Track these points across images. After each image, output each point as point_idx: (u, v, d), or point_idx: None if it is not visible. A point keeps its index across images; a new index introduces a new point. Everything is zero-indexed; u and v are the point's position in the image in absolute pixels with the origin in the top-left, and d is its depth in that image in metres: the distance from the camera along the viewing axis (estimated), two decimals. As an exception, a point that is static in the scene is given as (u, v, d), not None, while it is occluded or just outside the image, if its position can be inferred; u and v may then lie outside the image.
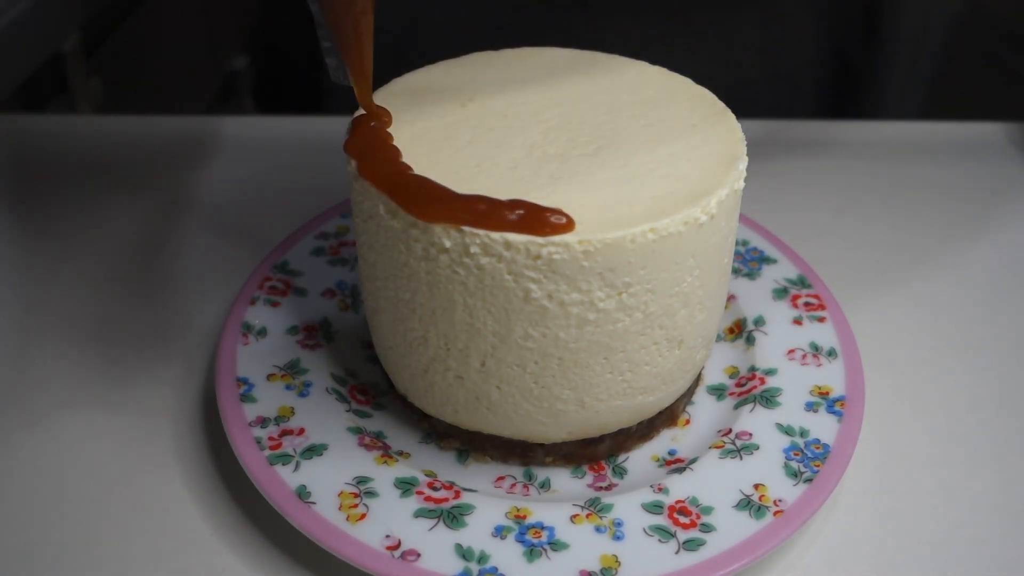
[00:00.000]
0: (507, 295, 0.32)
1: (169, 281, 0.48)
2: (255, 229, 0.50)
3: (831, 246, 0.51)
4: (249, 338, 0.41)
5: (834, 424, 0.38)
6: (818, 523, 0.37)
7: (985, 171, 0.57)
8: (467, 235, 0.31)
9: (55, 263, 0.49)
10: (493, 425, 0.36)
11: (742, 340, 0.43)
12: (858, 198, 0.55)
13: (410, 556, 0.32)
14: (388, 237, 0.34)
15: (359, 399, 0.40)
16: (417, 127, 0.36)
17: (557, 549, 0.33)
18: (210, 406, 0.41)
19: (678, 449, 0.38)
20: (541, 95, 0.38)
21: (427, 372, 0.36)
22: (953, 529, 0.37)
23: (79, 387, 0.42)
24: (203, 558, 0.35)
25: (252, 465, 0.35)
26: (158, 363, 0.43)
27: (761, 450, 0.37)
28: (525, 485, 0.37)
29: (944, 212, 0.54)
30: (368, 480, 0.35)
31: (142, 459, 0.39)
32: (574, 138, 0.36)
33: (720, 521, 0.34)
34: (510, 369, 0.34)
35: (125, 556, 0.35)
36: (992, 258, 0.51)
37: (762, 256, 0.46)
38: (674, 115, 0.37)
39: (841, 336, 0.42)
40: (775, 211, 0.50)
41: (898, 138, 0.60)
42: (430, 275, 0.33)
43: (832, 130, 0.61)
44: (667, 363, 0.36)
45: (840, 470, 0.36)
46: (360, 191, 0.34)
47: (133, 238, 0.51)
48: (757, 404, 0.39)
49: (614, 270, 0.32)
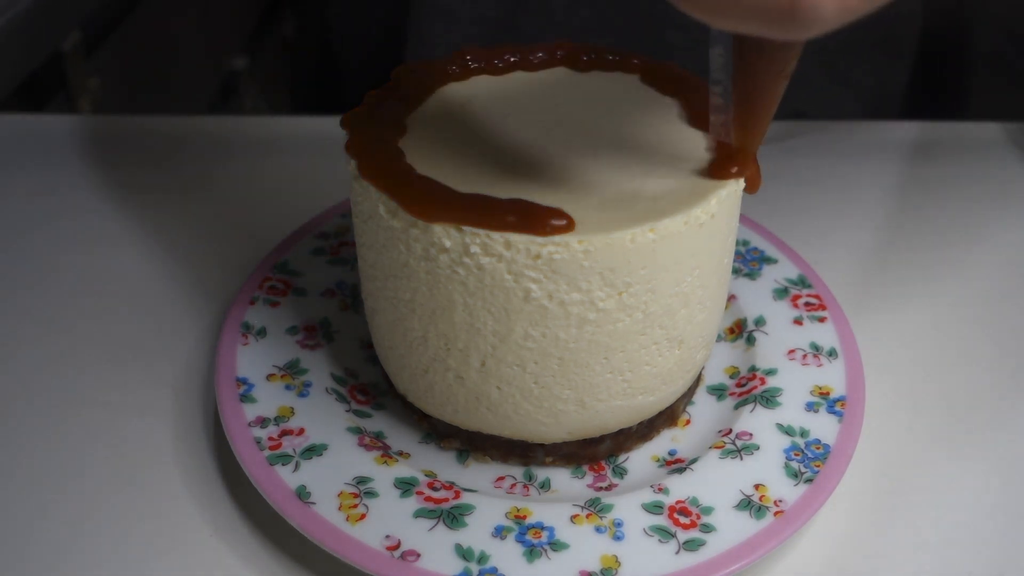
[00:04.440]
0: (507, 295, 0.32)
1: (169, 281, 0.48)
2: (255, 229, 0.50)
3: (831, 246, 0.51)
4: (249, 338, 0.41)
5: (834, 424, 0.38)
6: (818, 523, 0.37)
7: (985, 171, 0.57)
8: (467, 235, 0.31)
9: (54, 262, 0.49)
10: (493, 425, 0.36)
11: (742, 340, 0.43)
12: (858, 198, 0.55)
13: (410, 556, 0.32)
14: (388, 237, 0.34)
15: (359, 399, 0.40)
16: (417, 127, 0.36)
17: (557, 549, 0.33)
18: (210, 406, 0.41)
19: (678, 449, 0.38)
20: (541, 94, 0.38)
21: (427, 372, 0.36)
22: (953, 529, 0.37)
23: (79, 387, 0.42)
24: (203, 558, 0.35)
25: (252, 465, 0.35)
26: (158, 363, 0.43)
27: (761, 450, 0.37)
28: (525, 485, 0.37)
29: (944, 212, 0.54)
30: (368, 480, 0.35)
31: (142, 459, 0.39)
32: (574, 137, 0.36)
33: (720, 521, 0.34)
34: (510, 369, 0.34)
35: (125, 556, 0.35)
36: (992, 258, 0.51)
37: (762, 256, 0.46)
38: (675, 115, 0.37)
39: (841, 336, 0.42)
40: (775, 211, 0.50)
41: (898, 138, 0.60)
42: (430, 275, 0.33)
43: (834, 130, 0.61)
44: (667, 363, 0.36)
45: (840, 470, 0.36)
46: (360, 191, 0.34)
47: (133, 238, 0.51)
48: (757, 404, 0.39)
49: (614, 270, 0.32)
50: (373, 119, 0.36)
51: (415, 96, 0.38)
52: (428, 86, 0.39)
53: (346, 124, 0.36)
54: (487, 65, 0.40)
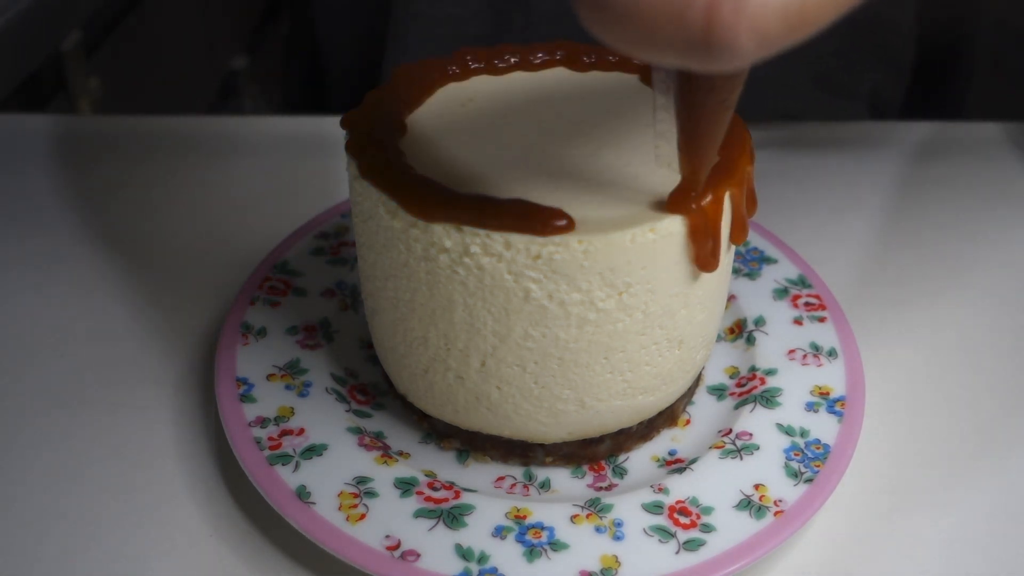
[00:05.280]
0: (507, 295, 0.32)
1: (169, 281, 0.48)
2: (255, 229, 0.50)
3: (831, 246, 0.51)
4: (249, 338, 0.41)
5: (834, 424, 0.38)
6: (818, 523, 0.37)
7: (985, 171, 0.57)
8: (467, 235, 0.31)
9: (54, 262, 0.49)
10: (493, 425, 0.36)
11: (742, 340, 0.43)
12: (858, 198, 0.55)
13: (410, 556, 0.32)
14: (388, 237, 0.34)
15: (359, 399, 0.40)
16: (417, 127, 0.36)
17: (557, 549, 0.33)
18: (210, 406, 0.41)
19: (678, 449, 0.38)
20: (541, 94, 0.38)
21: (427, 372, 0.36)
22: (953, 529, 0.37)
23: (79, 387, 0.42)
24: (203, 558, 0.35)
25: (252, 465, 0.35)
26: (158, 363, 0.43)
27: (761, 450, 0.37)
28: (525, 485, 0.37)
29: (944, 212, 0.54)
30: (368, 480, 0.35)
31: (142, 459, 0.39)
32: (574, 137, 0.36)
33: (720, 521, 0.34)
34: (510, 369, 0.34)
35: (125, 556, 0.35)
36: (992, 258, 0.51)
37: (762, 256, 0.46)
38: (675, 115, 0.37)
39: (841, 336, 0.42)
40: (775, 211, 0.50)
41: (898, 138, 0.60)
42: (430, 275, 0.33)
43: (833, 130, 0.61)
44: (667, 363, 0.36)
45: (840, 470, 0.36)
46: (360, 191, 0.34)
47: (133, 238, 0.51)
48: (757, 404, 0.39)
49: (614, 270, 0.32)
50: (373, 119, 0.36)
51: (415, 96, 0.38)
52: (428, 86, 0.39)
53: (346, 124, 0.36)
54: (487, 65, 0.40)
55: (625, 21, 0.19)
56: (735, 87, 0.27)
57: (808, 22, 0.20)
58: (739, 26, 0.19)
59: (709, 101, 0.27)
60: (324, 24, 0.75)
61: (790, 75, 0.63)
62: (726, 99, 0.27)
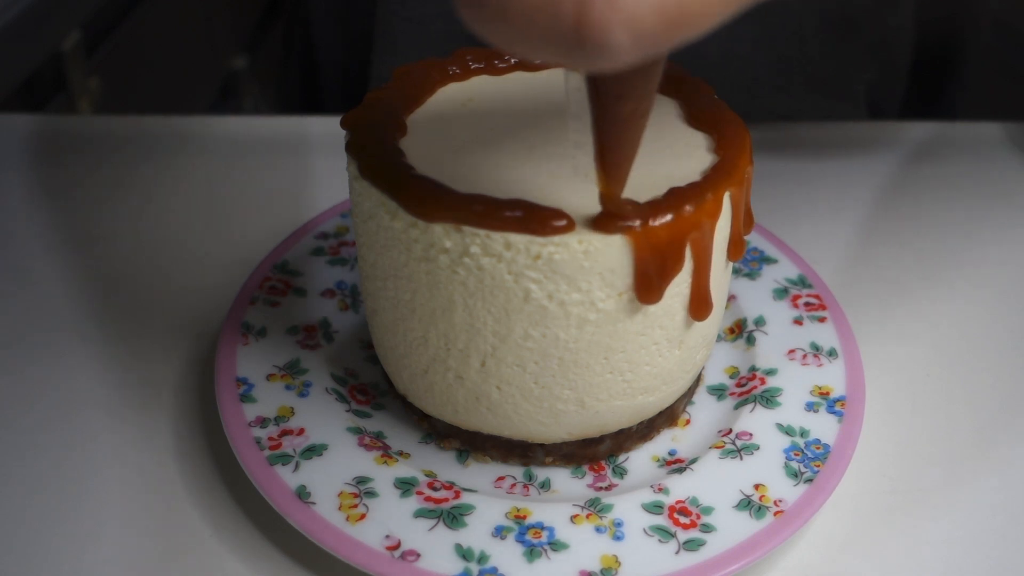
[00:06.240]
0: (507, 295, 0.32)
1: (169, 281, 0.48)
2: (255, 229, 0.50)
3: (831, 246, 0.51)
4: (249, 338, 0.41)
5: (834, 424, 0.38)
6: (818, 523, 0.37)
7: (985, 171, 0.57)
8: (467, 235, 0.31)
9: (54, 263, 0.49)
10: (493, 425, 0.36)
11: (742, 340, 0.43)
12: (858, 198, 0.55)
13: (410, 556, 0.32)
14: (388, 237, 0.34)
15: (359, 399, 0.40)
16: (417, 127, 0.36)
17: (557, 549, 0.33)
18: (210, 406, 0.41)
19: (678, 449, 0.38)
20: (541, 94, 0.38)
21: (427, 372, 0.36)
22: (953, 529, 0.37)
23: (79, 387, 0.42)
24: (202, 558, 0.35)
25: (252, 465, 0.35)
26: (158, 363, 0.43)
27: (761, 450, 0.37)
28: (525, 485, 0.37)
29: (944, 212, 0.54)
30: (368, 480, 0.35)
31: (142, 459, 0.39)
32: (574, 138, 0.36)
33: (720, 521, 0.34)
34: (510, 369, 0.34)
35: (125, 556, 0.35)
36: (992, 258, 0.51)
37: (762, 256, 0.46)
38: (674, 115, 0.37)
39: (841, 336, 0.42)
40: (775, 211, 0.50)
41: (897, 138, 0.60)
42: (430, 275, 0.33)
43: (833, 130, 0.61)
44: (667, 363, 0.36)
45: (840, 470, 0.36)
46: (360, 191, 0.34)
47: (133, 238, 0.51)
48: (757, 404, 0.39)
49: (614, 270, 0.32)
50: (373, 119, 0.36)
51: (415, 96, 0.38)
52: (428, 86, 0.39)
53: (346, 124, 0.36)
54: (487, 65, 0.40)
55: (500, 19, 0.19)
56: (644, 96, 0.26)
57: (690, 20, 0.19)
58: (611, 21, 0.18)
59: (620, 110, 0.26)
60: (317, 23, 0.75)
61: (786, 76, 0.63)
62: (637, 108, 0.26)
